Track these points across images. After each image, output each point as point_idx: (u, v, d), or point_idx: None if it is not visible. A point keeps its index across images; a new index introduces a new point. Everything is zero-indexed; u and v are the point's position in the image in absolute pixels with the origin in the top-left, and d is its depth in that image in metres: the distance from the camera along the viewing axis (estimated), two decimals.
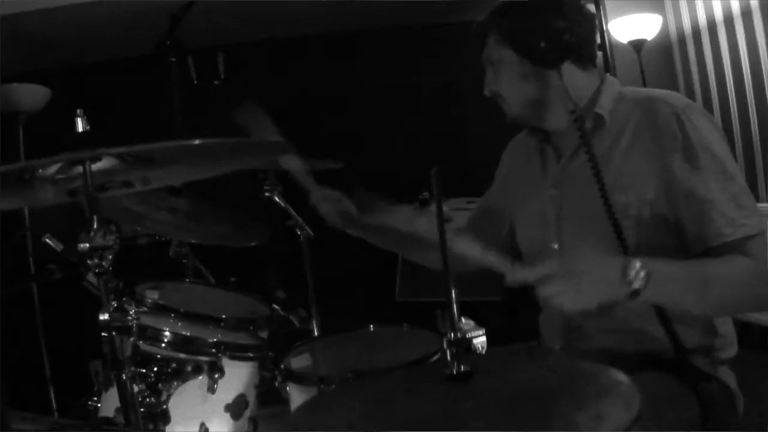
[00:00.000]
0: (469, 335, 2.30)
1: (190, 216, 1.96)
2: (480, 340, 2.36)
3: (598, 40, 1.36)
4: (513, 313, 3.36)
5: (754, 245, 1.14)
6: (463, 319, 2.40)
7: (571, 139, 1.32)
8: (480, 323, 2.47)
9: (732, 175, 1.18)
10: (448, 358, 0.88)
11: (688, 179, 1.18)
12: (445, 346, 0.88)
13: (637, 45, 3.50)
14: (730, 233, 1.14)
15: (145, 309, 1.62)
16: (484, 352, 2.28)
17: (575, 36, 1.25)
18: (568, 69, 1.28)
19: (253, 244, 2.03)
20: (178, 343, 1.50)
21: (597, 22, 1.34)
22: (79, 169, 1.03)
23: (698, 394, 1.18)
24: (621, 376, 0.82)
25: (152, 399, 1.41)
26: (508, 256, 1.11)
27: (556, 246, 1.35)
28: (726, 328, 1.31)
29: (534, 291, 1.05)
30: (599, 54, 3.23)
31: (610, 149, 1.26)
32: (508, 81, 1.33)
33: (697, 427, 1.17)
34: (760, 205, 3.71)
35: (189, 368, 1.49)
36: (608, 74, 1.37)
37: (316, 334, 2.06)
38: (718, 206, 1.16)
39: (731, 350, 1.31)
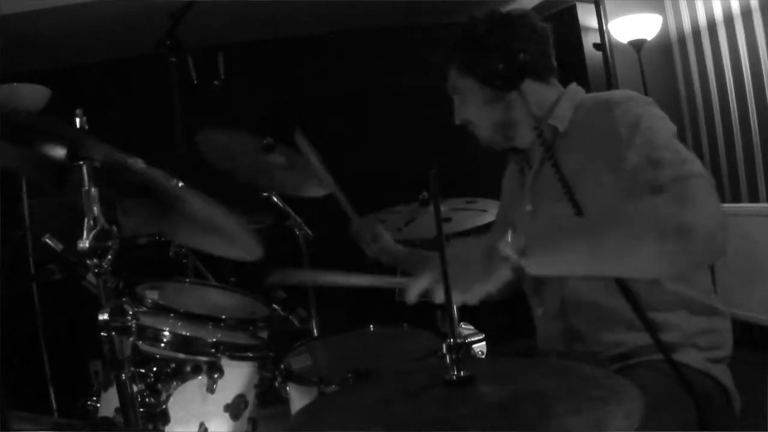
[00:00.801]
0: (468, 340, 2.31)
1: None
2: (480, 345, 2.37)
3: (554, 53, 1.38)
4: (512, 315, 3.36)
5: (666, 190, 1.04)
6: (462, 324, 2.41)
7: (536, 153, 1.37)
8: (480, 326, 2.47)
9: (653, 140, 1.12)
10: (448, 363, 0.88)
11: (615, 161, 1.15)
12: (444, 351, 0.88)
13: (637, 45, 3.50)
14: (639, 193, 1.07)
15: (145, 309, 1.62)
16: (484, 356, 2.29)
17: (529, 54, 1.28)
18: (529, 86, 1.32)
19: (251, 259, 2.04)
20: (177, 343, 1.50)
21: (551, 36, 1.36)
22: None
23: (693, 393, 1.18)
24: (622, 382, 0.82)
25: (152, 399, 1.41)
26: None
27: None
28: (722, 325, 1.30)
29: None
30: (599, 54, 3.24)
31: (569, 157, 1.27)
32: (474, 108, 1.37)
33: (693, 428, 1.17)
34: (760, 205, 3.69)
35: (188, 368, 1.48)
36: (573, 84, 1.39)
37: (316, 334, 2.06)
38: (633, 172, 1.11)
39: (727, 348, 1.30)
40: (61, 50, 3.50)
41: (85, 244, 1.01)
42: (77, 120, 1.04)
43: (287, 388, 1.59)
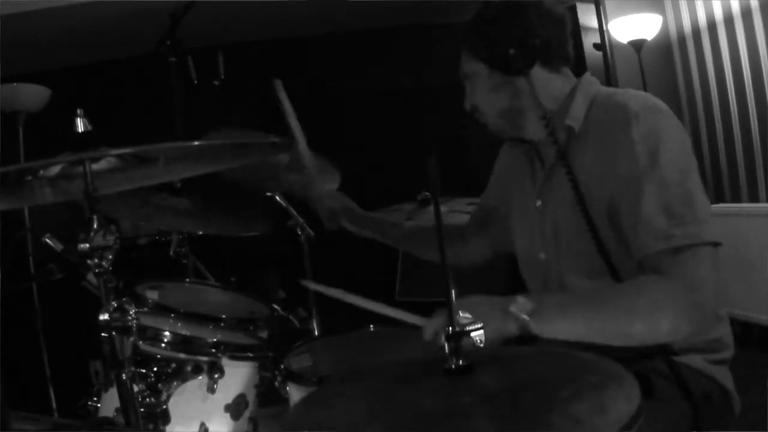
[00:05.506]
0: (467, 329, 2.31)
1: (193, 214, 1.97)
2: (478, 334, 2.36)
3: (572, 41, 1.32)
4: None
5: (680, 259, 1.08)
6: (460, 313, 2.40)
7: (549, 150, 1.30)
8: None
9: (670, 182, 1.12)
10: (447, 351, 0.88)
11: (627, 186, 1.15)
12: (443, 340, 0.88)
13: (637, 45, 3.51)
14: (653, 245, 1.10)
15: (145, 309, 1.62)
16: (482, 345, 2.28)
17: (540, 39, 1.23)
18: (539, 74, 1.26)
19: (256, 233, 2.03)
20: (178, 343, 1.50)
21: (570, 23, 1.31)
22: (80, 169, 1.03)
23: (690, 393, 1.17)
24: (619, 368, 0.82)
25: (152, 399, 1.41)
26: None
27: (542, 256, 1.34)
28: (723, 330, 1.30)
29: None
30: (599, 54, 3.24)
31: (584, 157, 1.24)
32: (481, 93, 1.32)
33: (689, 427, 1.17)
34: (760, 205, 3.68)
35: (189, 368, 1.49)
36: (587, 73, 1.33)
37: (316, 334, 2.05)
38: (646, 216, 1.11)
39: (728, 352, 1.30)
40: (61, 50, 3.51)
41: (85, 244, 1.02)
42: (78, 120, 1.04)
43: (287, 388, 1.58)
